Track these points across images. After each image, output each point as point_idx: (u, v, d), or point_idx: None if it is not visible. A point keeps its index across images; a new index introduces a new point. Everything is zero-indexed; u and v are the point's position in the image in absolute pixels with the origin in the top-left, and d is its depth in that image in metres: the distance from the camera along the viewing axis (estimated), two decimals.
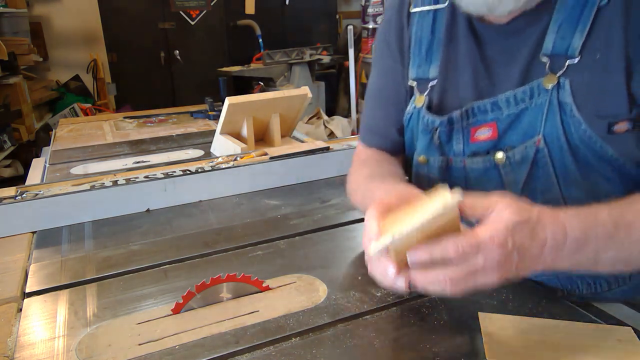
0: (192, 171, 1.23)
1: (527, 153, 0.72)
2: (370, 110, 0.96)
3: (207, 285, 0.74)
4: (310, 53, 4.32)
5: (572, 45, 0.67)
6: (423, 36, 0.83)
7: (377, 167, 0.88)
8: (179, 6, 4.43)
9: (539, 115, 0.70)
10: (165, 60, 4.53)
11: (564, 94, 0.68)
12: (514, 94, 0.71)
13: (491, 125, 0.74)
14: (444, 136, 0.79)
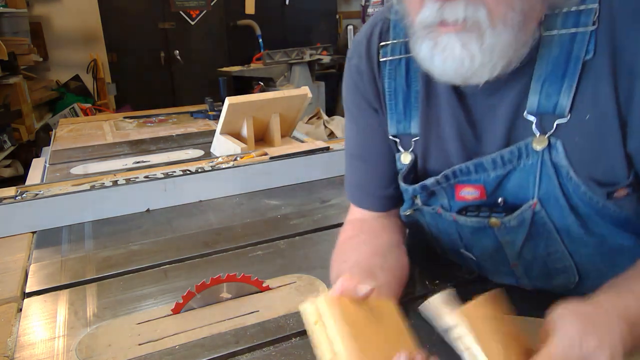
0: (192, 171, 1.23)
1: (523, 217, 0.67)
2: (354, 169, 0.87)
3: (207, 285, 0.74)
4: (310, 53, 4.32)
5: (559, 104, 0.61)
6: (398, 89, 0.76)
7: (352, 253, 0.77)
8: (179, 6, 4.43)
9: (530, 177, 0.65)
10: (165, 60, 4.53)
11: (557, 156, 0.63)
12: (500, 155, 0.66)
13: (478, 187, 0.70)
14: (424, 197, 0.75)
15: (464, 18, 0.56)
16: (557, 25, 0.61)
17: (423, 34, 0.60)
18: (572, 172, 0.62)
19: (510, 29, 0.57)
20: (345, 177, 0.89)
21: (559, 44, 0.61)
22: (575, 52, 0.60)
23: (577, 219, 0.65)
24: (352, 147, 0.86)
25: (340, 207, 1.14)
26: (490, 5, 0.55)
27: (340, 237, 0.83)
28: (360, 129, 0.83)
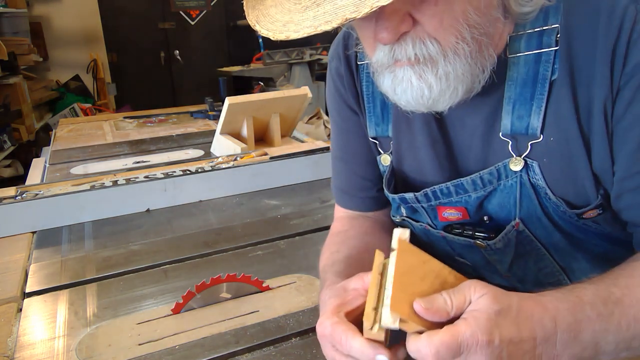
0: (192, 171, 1.23)
1: (508, 238, 0.68)
2: (338, 170, 0.87)
3: (207, 285, 0.74)
4: (310, 53, 4.32)
5: (531, 125, 0.61)
6: (375, 92, 0.76)
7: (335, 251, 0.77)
8: (179, 6, 4.43)
9: (510, 197, 0.65)
10: (165, 60, 4.53)
11: (535, 177, 0.63)
12: (480, 177, 0.66)
13: (460, 209, 0.70)
14: (409, 211, 0.76)
15: (415, 54, 0.56)
16: (521, 47, 0.61)
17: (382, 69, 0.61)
18: (549, 192, 0.62)
19: (462, 58, 0.57)
20: (331, 178, 0.90)
21: (525, 65, 0.61)
22: (541, 72, 0.60)
23: (562, 236, 0.65)
24: (335, 149, 0.87)
25: None
26: (439, 38, 0.55)
27: (330, 231, 0.84)
28: (342, 131, 0.84)
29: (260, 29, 0.56)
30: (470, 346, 0.46)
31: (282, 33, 0.53)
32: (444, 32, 0.54)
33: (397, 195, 0.74)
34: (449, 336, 0.46)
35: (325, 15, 0.50)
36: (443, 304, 0.49)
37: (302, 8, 0.52)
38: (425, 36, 0.55)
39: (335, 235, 0.82)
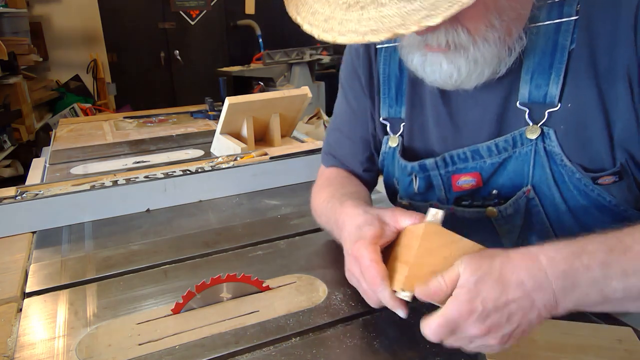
0: (192, 171, 1.23)
1: (518, 205, 0.69)
2: (334, 137, 0.92)
3: (207, 285, 0.74)
4: (310, 53, 4.32)
5: (549, 93, 0.64)
6: (391, 74, 0.79)
7: (340, 187, 0.83)
8: (179, 6, 4.43)
9: (525, 165, 0.67)
10: (165, 60, 4.53)
11: (551, 144, 0.65)
12: (495, 143, 0.69)
13: (474, 175, 0.72)
14: (422, 183, 0.77)
15: (447, 42, 0.59)
16: (542, 17, 0.63)
17: (412, 49, 0.64)
18: (565, 159, 0.64)
19: (492, 44, 0.60)
20: (324, 144, 0.95)
21: (545, 35, 0.63)
22: (560, 42, 0.62)
23: (568, 210, 0.67)
24: (339, 121, 0.91)
25: None
26: (469, 27, 0.57)
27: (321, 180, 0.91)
28: (350, 107, 0.88)
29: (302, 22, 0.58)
30: (460, 321, 0.51)
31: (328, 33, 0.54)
32: (475, 21, 0.57)
33: (418, 162, 0.76)
34: (441, 318, 0.52)
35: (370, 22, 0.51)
36: (438, 285, 0.53)
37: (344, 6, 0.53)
38: (457, 25, 0.57)
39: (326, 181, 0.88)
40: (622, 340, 0.64)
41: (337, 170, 0.92)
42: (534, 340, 0.64)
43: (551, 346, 0.63)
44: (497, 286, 0.51)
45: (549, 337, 0.64)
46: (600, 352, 0.62)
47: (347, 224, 0.67)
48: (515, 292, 0.51)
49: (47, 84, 4.20)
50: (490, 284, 0.51)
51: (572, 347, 0.62)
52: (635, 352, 0.62)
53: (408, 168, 0.77)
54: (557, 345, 0.63)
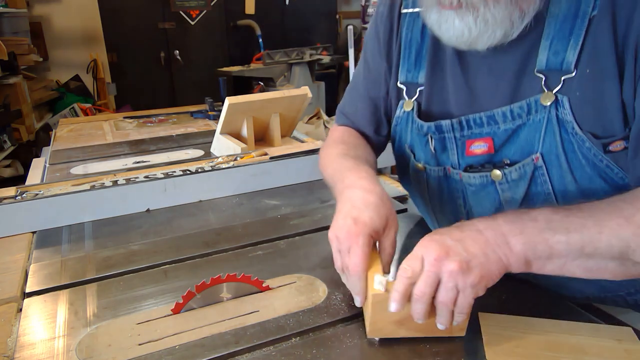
0: (192, 171, 1.23)
1: (524, 171, 0.70)
2: (349, 95, 0.97)
3: (207, 285, 0.74)
4: (310, 53, 4.32)
5: (566, 60, 0.65)
6: (413, 40, 0.82)
7: (352, 148, 0.87)
8: (179, 6, 4.43)
9: (536, 133, 0.68)
10: (165, 60, 4.53)
11: (563, 112, 0.66)
12: (510, 109, 0.70)
13: (487, 140, 0.73)
14: (438, 145, 0.79)
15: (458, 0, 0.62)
16: None
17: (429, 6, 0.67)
18: (576, 127, 0.65)
19: (503, 6, 0.62)
20: (340, 103, 0.99)
21: (567, 2, 0.64)
22: (582, 8, 0.63)
23: (574, 181, 0.68)
24: (355, 80, 0.96)
25: None
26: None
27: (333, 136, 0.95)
28: (367, 67, 0.92)
29: None
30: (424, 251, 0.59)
31: None
32: None
33: (434, 122, 0.78)
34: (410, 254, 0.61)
35: None
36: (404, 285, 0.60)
37: None
38: None
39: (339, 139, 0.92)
40: (622, 340, 0.64)
41: (349, 130, 0.95)
42: (534, 340, 0.64)
43: (551, 346, 0.63)
44: (454, 229, 0.62)
45: (549, 337, 0.64)
46: (600, 352, 0.62)
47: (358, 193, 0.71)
48: (469, 232, 0.61)
49: (47, 84, 4.20)
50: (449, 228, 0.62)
51: (572, 347, 0.62)
52: (635, 352, 0.62)
53: (424, 128, 0.79)
54: (557, 345, 0.63)
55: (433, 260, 0.58)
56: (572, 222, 0.59)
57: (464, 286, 0.58)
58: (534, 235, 0.59)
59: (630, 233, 0.57)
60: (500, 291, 0.75)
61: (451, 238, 0.60)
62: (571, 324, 0.67)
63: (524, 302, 0.73)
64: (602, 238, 0.57)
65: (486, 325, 0.67)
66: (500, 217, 0.61)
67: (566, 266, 0.60)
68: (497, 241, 0.60)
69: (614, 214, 0.58)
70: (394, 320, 0.64)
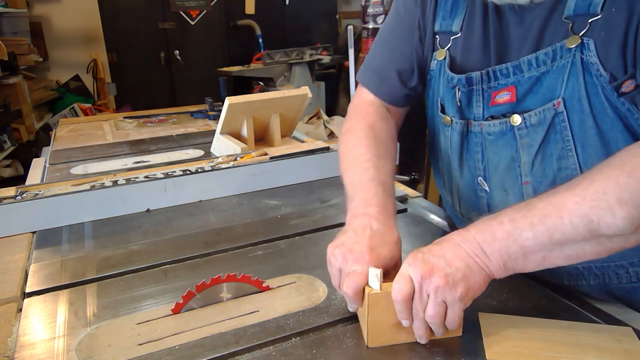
0: (192, 171, 1.23)
1: (544, 116, 0.71)
2: (376, 49, 0.94)
3: (207, 285, 0.74)
4: (310, 53, 4.32)
5: (593, 3, 0.65)
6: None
7: (379, 152, 0.85)
8: (179, 6, 4.43)
9: (559, 78, 0.69)
10: (165, 60, 4.53)
11: (588, 54, 0.66)
12: (535, 56, 0.70)
13: (510, 88, 0.74)
14: (464, 98, 0.79)
15: None
16: None
17: None
18: (601, 69, 0.65)
19: None
20: (364, 61, 0.97)
21: None
22: None
23: (595, 126, 0.68)
24: (386, 31, 0.94)
25: (340, 207, 1.14)
26: None
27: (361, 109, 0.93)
28: (400, 18, 0.91)
29: None
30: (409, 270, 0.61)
31: None
32: None
33: (465, 75, 0.78)
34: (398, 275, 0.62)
35: None
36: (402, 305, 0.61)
37: None
38: None
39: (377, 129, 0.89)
40: (622, 340, 0.64)
41: (379, 112, 0.92)
42: (534, 340, 0.64)
43: (551, 346, 0.63)
44: (434, 246, 0.64)
45: (549, 337, 0.64)
46: (600, 352, 0.62)
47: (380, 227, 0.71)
48: (448, 246, 0.63)
49: (47, 84, 4.20)
50: (429, 246, 0.64)
51: (572, 347, 0.62)
52: (635, 352, 0.62)
53: (455, 80, 0.79)
54: (557, 345, 0.63)
55: (420, 278, 0.60)
56: (535, 214, 0.60)
57: (452, 300, 0.60)
58: (504, 239, 0.61)
59: (588, 207, 0.57)
60: (500, 291, 0.75)
61: (433, 255, 0.62)
62: (571, 324, 0.67)
63: (524, 302, 0.73)
64: (565, 222, 0.58)
65: (486, 325, 0.67)
66: (473, 228, 0.63)
67: (547, 259, 0.61)
68: (475, 252, 0.62)
69: (568, 193, 0.59)
70: (394, 324, 0.64)
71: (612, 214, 0.56)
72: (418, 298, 0.61)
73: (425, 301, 0.61)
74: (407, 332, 0.64)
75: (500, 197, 0.81)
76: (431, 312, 0.61)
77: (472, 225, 0.64)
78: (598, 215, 0.57)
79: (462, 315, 0.62)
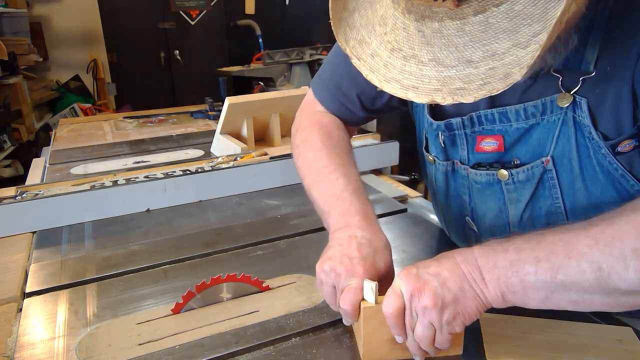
0: (192, 171, 1.23)
1: (532, 173, 0.68)
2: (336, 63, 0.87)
3: (207, 285, 0.74)
4: (310, 53, 4.32)
5: (585, 59, 0.61)
6: None
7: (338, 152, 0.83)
8: (179, 6, 4.43)
9: (549, 134, 0.66)
10: (165, 60, 4.52)
11: (581, 115, 0.62)
12: (524, 107, 0.67)
13: (497, 137, 0.71)
14: (448, 140, 0.78)
15: None
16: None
17: None
18: (593, 132, 0.62)
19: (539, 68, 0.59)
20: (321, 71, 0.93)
21: None
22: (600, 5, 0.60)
23: (584, 188, 0.65)
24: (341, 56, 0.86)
25: None
26: None
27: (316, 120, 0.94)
28: None
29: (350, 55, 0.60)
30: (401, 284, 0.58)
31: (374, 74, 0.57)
32: None
33: (444, 121, 0.76)
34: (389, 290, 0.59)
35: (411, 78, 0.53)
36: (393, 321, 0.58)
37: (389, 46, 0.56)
38: None
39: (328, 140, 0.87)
40: (622, 340, 0.64)
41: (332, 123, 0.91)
42: (534, 340, 0.64)
43: (551, 346, 0.63)
44: (432, 261, 0.60)
45: (549, 337, 0.64)
46: (600, 352, 0.62)
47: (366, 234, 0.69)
48: (446, 264, 0.59)
49: (47, 84, 4.20)
50: (427, 261, 0.61)
51: (572, 347, 0.62)
52: (635, 352, 0.62)
53: (434, 126, 0.78)
54: (557, 345, 0.63)
55: (409, 295, 0.57)
56: (542, 249, 0.55)
57: (439, 323, 0.57)
58: (505, 268, 0.56)
59: (599, 253, 0.51)
60: None
61: (428, 272, 0.58)
62: (571, 324, 0.67)
63: None
64: (572, 264, 0.52)
65: (486, 325, 0.67)
66: (477, 250, 0.59)
67: (549, 300, 0.56)
68: (473, 276, 0.57)
69: (582, 233, 0.54)
70: (389, 339, 0.61)
71: (624, 265, 0.50)
72: (408, 315, 0.58)
73: (415, 319, 0.58)
74: (403, 348, 0.62)
75: (495, 231, 0.78)
76: (419, 332, 0.58)
77: (478, 246, 0.60)
78: (609, 264, 0.51)
79: (450, 338, 0.58)
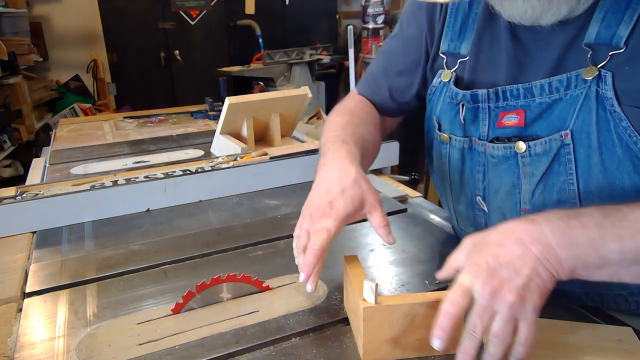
0: (192, 171, 1.23)
1: (550, 146, 0.68)
2: (377, 59, 0.96)
3: (207, 285, 0.74)
4: (310, 53, 4.32)
5: (617, 35, 0.62)
6: (459, 9, 0.80)
7: (355, 122, 0.87)
8: (179, 6, 4.43)
9: (571, 108, 0.66)
10: (165, 60, 4.52)
11: (604, 88, 0.63)
12: (549, 82, 0.68)
13: (519, 112, 0.71)
14: (469, 115, 0.78)
15: None
16: None
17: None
18: (616, 105, 0.63)
19: None
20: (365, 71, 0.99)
21: None
22: None
23: (601, 162, 0.65)
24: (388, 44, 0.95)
25: None
26: None
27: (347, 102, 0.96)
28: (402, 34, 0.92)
29: None
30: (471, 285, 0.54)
31: None
32: None
33: (470, 91, 0.76)
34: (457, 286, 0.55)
35: None
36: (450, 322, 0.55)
37: None
38: None
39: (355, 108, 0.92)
40: (622, 340, 0.64)
41: (363, 101, 0.95)
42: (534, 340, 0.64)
43: (551, 346, 0.63)
44: (497, 247, 0.55)
45: (549, 337, 0.64)
46: (600, 352, 0.62)
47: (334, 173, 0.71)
48: (515, 249, 0.54)
49: (47, 84, 4.20)
50: (491, 246, 0.55)
51: (572, 347, 0.62)
52: (635, 352, 0.62)
53: (459, 96, 0.78)
54: (557, 345, 0.63)
55: (488, 295, 0.52)
56: (625, 227, 0.53)
57: (525, 314, 0.53)
58: (585, 246, 0.54)
59: None
60: None
61: (500, 263, 0.54)
62: (571, 324, 0.67)
63: None
64: None
65: None
66: (546, 226, 0.55)
67: (617, 274, 0.55)
68: (547, 256, 0.54)
69: None
70: (389, 339, 0.61)
71: None
72: (479, 314, 0.53)
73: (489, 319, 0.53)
74: (403, 348, 0.62)
75: (497, 220, 0.78)
76: (497, 329, 0.53)
77: (544, 220, 0.56)
78: None
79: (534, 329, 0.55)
